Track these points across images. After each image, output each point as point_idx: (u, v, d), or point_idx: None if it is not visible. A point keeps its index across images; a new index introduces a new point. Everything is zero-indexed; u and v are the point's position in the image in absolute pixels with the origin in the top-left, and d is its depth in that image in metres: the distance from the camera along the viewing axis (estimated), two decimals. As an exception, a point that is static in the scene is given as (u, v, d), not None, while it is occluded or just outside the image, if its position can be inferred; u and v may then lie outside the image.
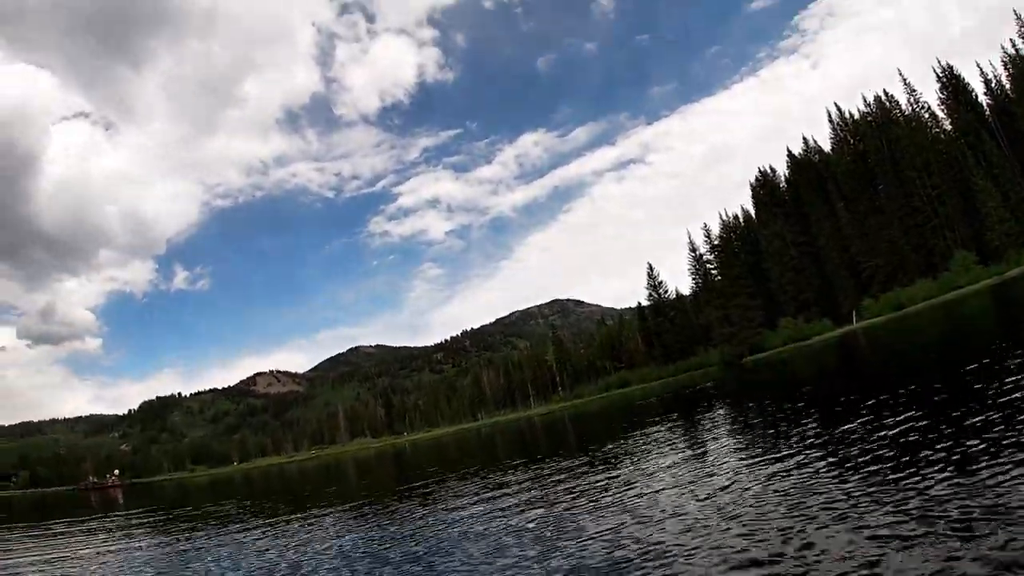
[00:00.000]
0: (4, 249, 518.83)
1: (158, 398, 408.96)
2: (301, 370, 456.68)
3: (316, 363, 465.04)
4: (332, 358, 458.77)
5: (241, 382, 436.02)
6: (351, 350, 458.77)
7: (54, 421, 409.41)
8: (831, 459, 8.27)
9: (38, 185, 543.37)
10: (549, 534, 8.19)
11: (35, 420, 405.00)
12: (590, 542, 7.24)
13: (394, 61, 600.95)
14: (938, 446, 7.42)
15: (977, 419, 8.03)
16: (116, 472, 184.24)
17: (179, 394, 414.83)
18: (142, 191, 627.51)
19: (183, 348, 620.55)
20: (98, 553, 16.94)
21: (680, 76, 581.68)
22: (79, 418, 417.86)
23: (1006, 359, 11.87)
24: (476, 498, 13.80)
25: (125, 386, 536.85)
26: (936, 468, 6.59)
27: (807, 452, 9.40)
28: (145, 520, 26.64)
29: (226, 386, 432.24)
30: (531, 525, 9.14)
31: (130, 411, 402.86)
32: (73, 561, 15.50)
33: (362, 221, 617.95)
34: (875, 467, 7.44)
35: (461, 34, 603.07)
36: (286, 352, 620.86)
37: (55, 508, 50.04)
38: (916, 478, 6.46)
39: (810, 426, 11.93)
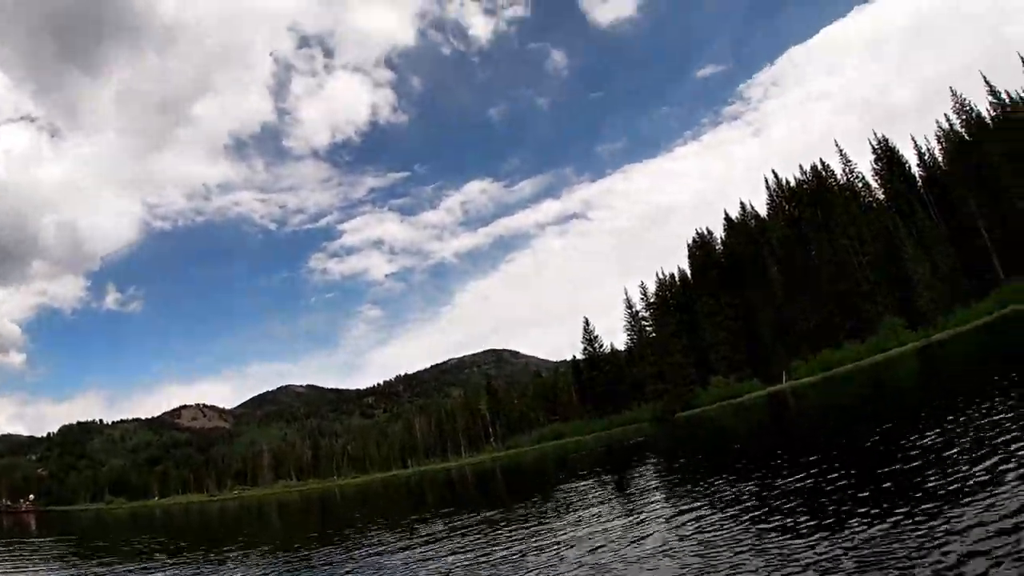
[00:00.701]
0: None
1: (79, 423, 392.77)
2: (228, 405, 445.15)
3: (244, 399, 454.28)
4: (261, 395, 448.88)
5: (165, 413, 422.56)
6: (281, 388, 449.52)
7: None
8: (752, 513, 8.43)
9: None
10: None
11: None
12: None
13: (348, 98, 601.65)
14: (853, 500, 7.64)
15: (891, 474, 8.29)
16: (31, 497, 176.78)
17: (101, 420, 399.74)
18: (82, 203, 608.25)
19: (108, 371, 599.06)
20: None
21: (627, 136, 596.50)
22: None
23: (922, 418, 12.31)
24: (399, 548, 13.63)
25: (46, 406, 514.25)
26: (851, 521, 6.78)
27: (728, 507, 9.63)
28: (56, 551, 25.57)
29: (150, 416, 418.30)
30: None
31: (49, 434, 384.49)
32: None
33: (303, 256, 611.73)
34: (789, 520, 7.62)
35: (417, 78, 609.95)
36: (214, 385, 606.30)
37: None
38: (830, 531, 6.63)
39: (734, 481, 12.21)
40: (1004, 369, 17.22)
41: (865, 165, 76.45)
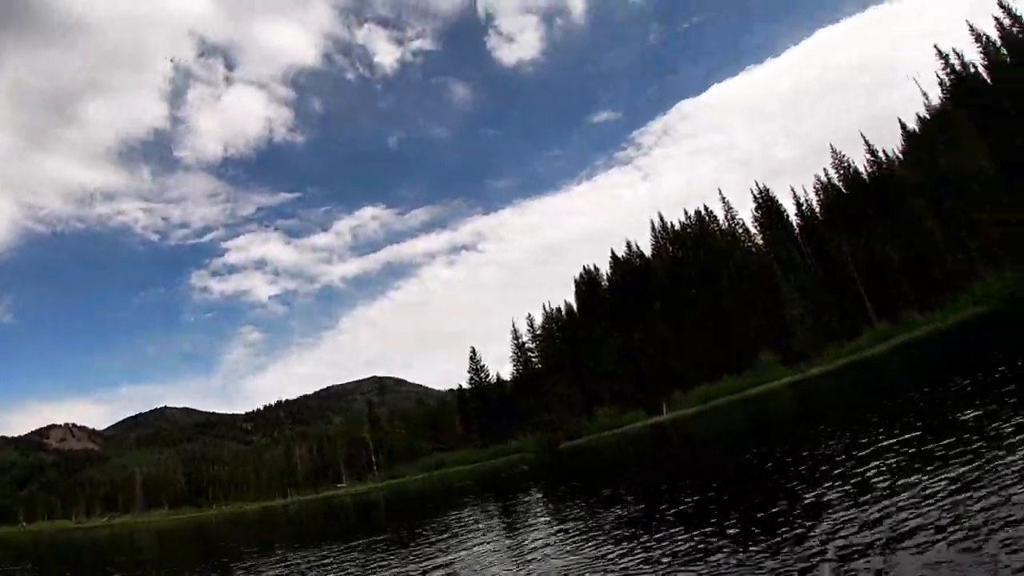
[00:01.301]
0: None
1: None
2: (100, 426, 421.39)
3: (116, 420, 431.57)
4: (134, 417, 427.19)
5: (32, 432, 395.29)
6: (156, 411, 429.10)
7: None
8: (624, 531, 8.95)
9: None
10: None
11: None
12: None
13: (245, 113, 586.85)
14: (722, 524, 8.39)
15: (758, 499, 9.15)
16: None
17: None
18: None
19: None
20: None
21: (521, 172, 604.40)
22: None
23: (789, 443, 13.28)
24: None
25: None
26: (722, 542, 7.51)
27: (601, 528, 10.09)
28: None
29: (15, 435, 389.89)
30: None
31: None
32: None
33: (184, 273, 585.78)
34: (658, 535, 8.41)
35: (318, 99, 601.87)
36: (85, 404, 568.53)
37: None
38: (700, 553, 7.29)
39: (609, 505, 12.89)
40: (868, 401, 18.91)
41: (747, 214, 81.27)
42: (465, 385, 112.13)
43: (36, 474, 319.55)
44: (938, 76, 69.50)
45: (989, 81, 65.02)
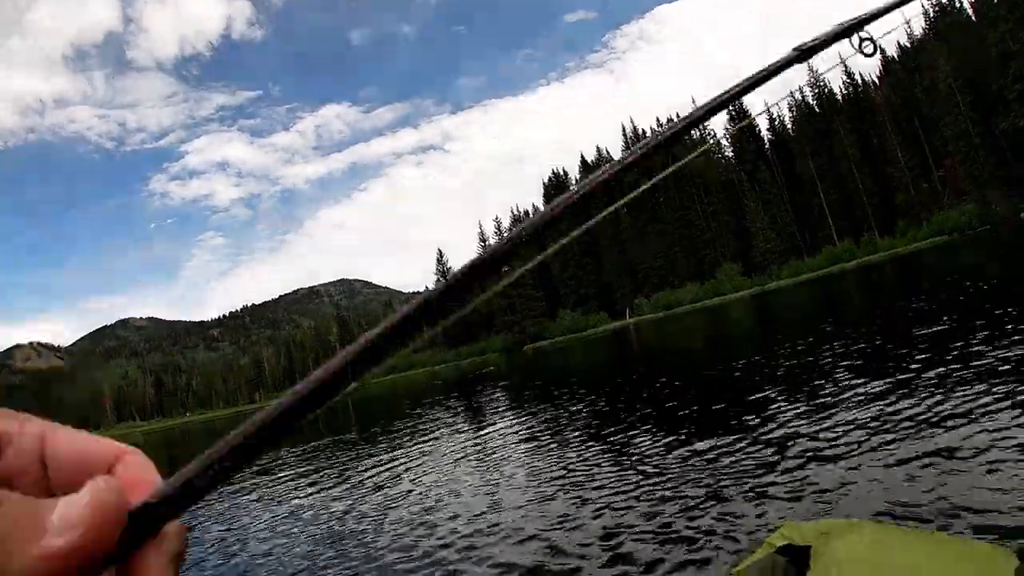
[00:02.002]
0: None
1: None
2: (65, 342, 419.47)
3: (81, 335, 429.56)
4: (99, 330, 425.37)
5: None
6: (120, 322, 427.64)
7: None
8: (590, 442, 9.00)
9: None
10: (320, 522, 8.25)
11: None
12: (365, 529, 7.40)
13: (201, 9, 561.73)
14: (684, 422, 8.50)
15: (720, 398, 9.32)
16: None
17: None
18: None
19: None
20: None
21: (490, 72, 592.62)
22: None
23: (749, 353, 13.43)
24: (252, 486, 13.83)
25: None
26: (681, 439, 7.66)
27: (565, 429, 10.19)
28: None
29: None
30: (303, 513, 9.28)
31: None
32: None
33: (142, 179, 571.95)
34: (619, 436, 8.50)
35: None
36: (48, 320, 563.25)
37: None
38: (663, 449, 7.40)
39: (573, 405, 12.89)
40: (827, 317, 19.10)
41: (718, 125, 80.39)
42: (431, 286, 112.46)
43: (5, 400, 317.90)
44: (922, 5, 68.58)
45: (973, 17, 64.10)
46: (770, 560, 2.27)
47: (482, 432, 13.05)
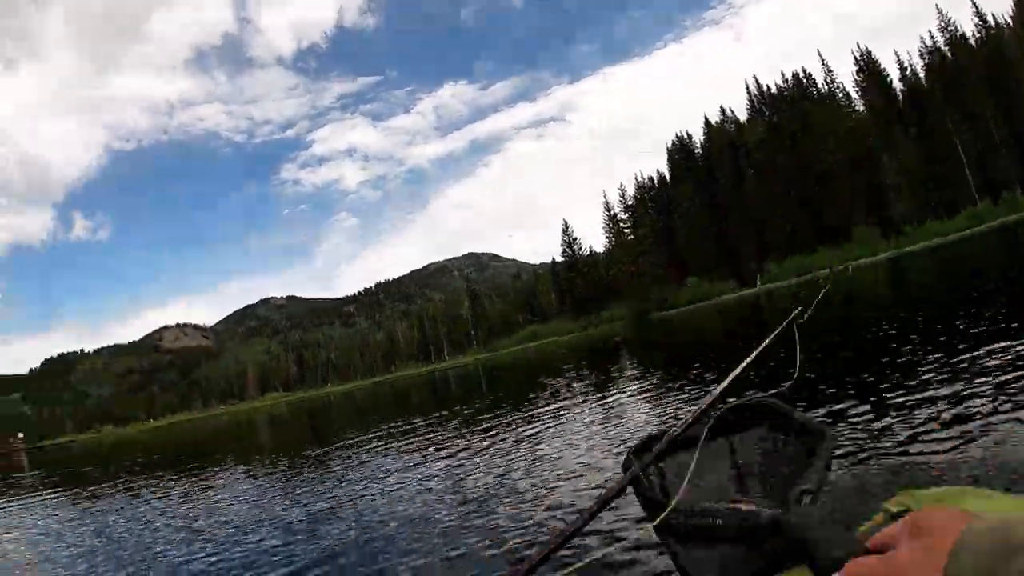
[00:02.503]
0: None
1: (60, 355, 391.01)
2: (208, 323, 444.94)
3: (224, 315, 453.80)
4: (241, 310, 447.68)
5: (146, 336, 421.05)
6: (261, 301, 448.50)
7: None
8: None
9: None
10: (461, 488, 8.49)
11: None
12: (500, 493, 7.61)
13: (313, 2, 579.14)
14: (831, 398, 7.96)
15: (865, 375, 8.50)
16: (20, 435, 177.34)
17: (82, 350, 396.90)
18: (39, 133, 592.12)
19: (86, 300, 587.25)
20: (6, 523, 16.66)
21: (604, 38, 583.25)
22: None
23: (894, 329, 12.65)
24: (389, 448, 14.39)
25: (25, 343, 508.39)
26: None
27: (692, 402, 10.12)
28: (54, 485, 26.09)
29: (131, 340, 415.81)
30: (442, 480, 9.57)
31: (32, 370, 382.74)
32: None
33: (273, 168, 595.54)
34: None
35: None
36: (193, 303, 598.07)
37: None
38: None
39: (706, 377, 12.47)
40: (970, 280, 17.97)
41: (846, 76, 76.84)
42: (558, 258, 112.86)
43: (154, 376, 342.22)
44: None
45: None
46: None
47: (603, 401, 13.16)
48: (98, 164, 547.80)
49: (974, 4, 68.41)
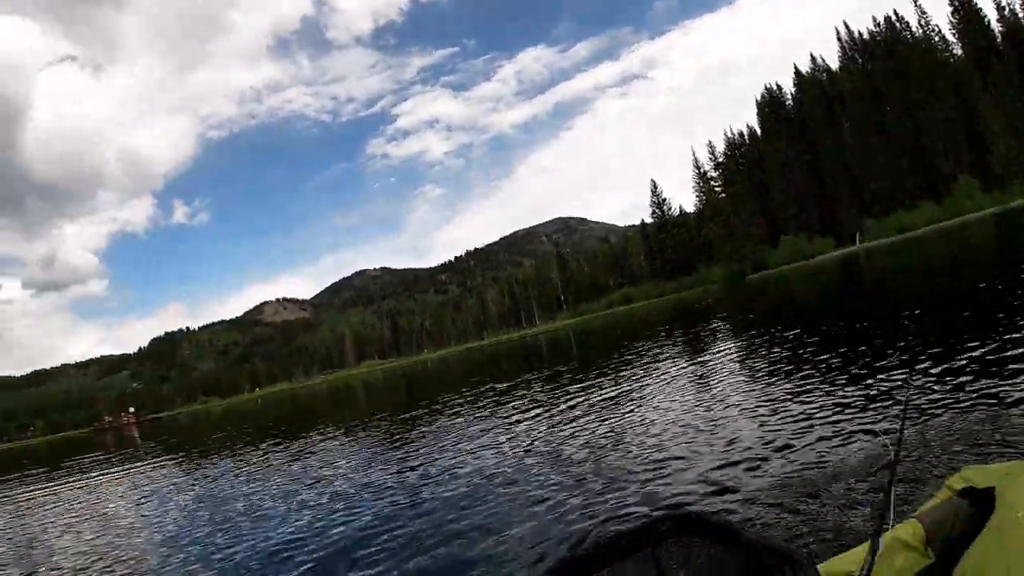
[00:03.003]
0: (1, 202, 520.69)
1: (166, 333, 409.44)
2: (307, 296, 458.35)
3: (321, 288, 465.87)
4: (337, 283, 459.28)
5: (247, 312, 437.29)
6: (355, 274, 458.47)
7: (65, 367, 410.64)
8: (822, 380, 8.54)
9: (29, 134, 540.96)
10: (560, 450, 8.74)
11: (46, 368, 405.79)
12: (599, 454, 7.82)
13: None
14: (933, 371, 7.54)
15: (982, 350, 7.89)
16: (131, 410, 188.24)
17: (187, 328, 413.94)
18: (134, 129, 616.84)
19: (188, 282, 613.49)
20: (123, 489, 17.86)
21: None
22: (89, 361, 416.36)
23: (1013, 290, 11.90)
24: (487, 411, 14.82)
25: (133, 325, 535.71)
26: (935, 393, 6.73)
27: (801, 371, 9.70)
28: (164, 454, 27.56)
29: (233, 317, 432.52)
30: (539, 440, 9.77)
31: (140, 349, 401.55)
32: (98, 500, 16.20)
33: (360, 144, 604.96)
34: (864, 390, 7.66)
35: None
36: (290, 279, 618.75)
37: (73, 452, 49.30)
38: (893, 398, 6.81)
39: (808, 347, 12.10)
40: None
41: (942, 19, 72.71)
42: (647, 219, 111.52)
43: (255, 348, 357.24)
44: None
45: None
46: (951, 503, 2.14)
47: (695, 366, 13.21)
48: (193, 153, 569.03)
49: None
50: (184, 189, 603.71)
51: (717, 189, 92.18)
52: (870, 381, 7.83)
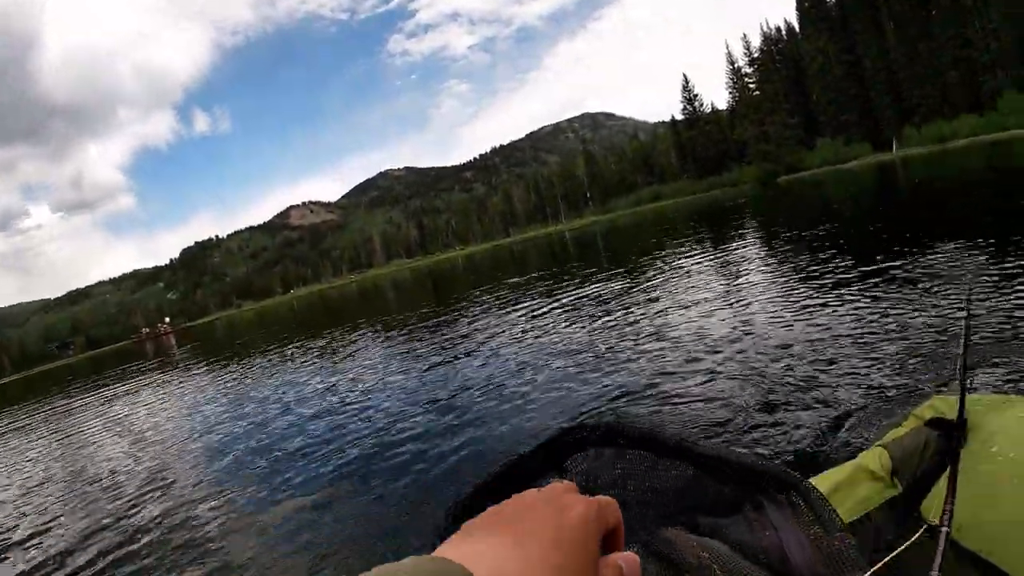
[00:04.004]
0: (24, 131, 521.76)
1: (197, 243, 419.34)
2: (333, 198, 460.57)
3: (346, 190, 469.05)
4: (362, 184, 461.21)
5: (275, 216, 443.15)
6: (380, 174, 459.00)
7: (100, 284, 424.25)
8: (852, 292, 8.48)
9: (44, 61, 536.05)
10: (582, 348, 8.92)
11: (82, 286, 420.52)
12: (624, 361, 7.84)
13: None
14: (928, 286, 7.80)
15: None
16: (167, 320, 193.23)
17: (217, 236, 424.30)
18: (150, 43, 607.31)
19: (215, 191, 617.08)
20: (163, 393, 18.73)
21: None
22: (124, 276, 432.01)
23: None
24: (513, 311, 15.19)
25: (164, 237, 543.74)
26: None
27: (831, 281, 9.65)
28: (202, 359, 28.41)
29: (261, 222, 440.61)
30: (557, 337, 10.16)
31: (171, 260, 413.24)
32: (142, 406, 17.03)
33: (380, 42, 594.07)
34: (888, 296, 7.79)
35: None
36: (316, 182, 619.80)
37: (115, 364, 51.29)
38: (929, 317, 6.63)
39: (837, 256, 11.96)
40: None
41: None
42: (678, 116, 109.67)
43: (285, 251, 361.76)
44: None
45: None
46: (919, 433, 2.10)
47: (722, 270, 13.37)
48: (211, 62, 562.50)
49: None
50: (204, 99, 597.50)
51: (752, 86, 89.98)
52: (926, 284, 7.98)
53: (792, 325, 7.52)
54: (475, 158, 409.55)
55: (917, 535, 1.65)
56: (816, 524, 1.55)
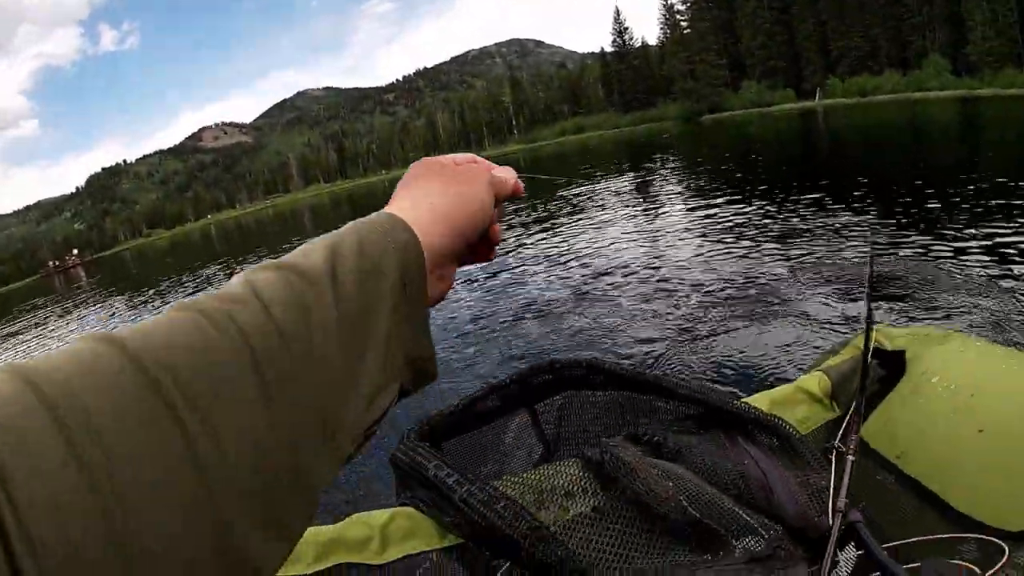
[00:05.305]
0: None
1: (104, 169, 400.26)
2: (247, 120, 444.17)
3: (262, 111, 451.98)
4: (278, 104, 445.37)
5: (187, 139, 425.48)
6: (298, 94, 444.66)
7: (3, 216, 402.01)
8: (756, 226, 9.11)
9: None
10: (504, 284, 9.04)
11: None
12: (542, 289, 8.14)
13: None
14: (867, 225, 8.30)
15: (907, 209, 8.88)
16: (75, 252, 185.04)
17: (125, 161, 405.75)
18: None
19: (122, 113, 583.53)
20: (73, 327, 18.09)
21: None
22: (28, 207, 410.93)
23: (952, 167, 12.50)
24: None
25: (69, 164, 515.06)
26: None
27: (738, 215, 10.35)
28: (111, 292, 27.62)
29: (172, 145, 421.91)
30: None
31: (78, 188, 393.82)
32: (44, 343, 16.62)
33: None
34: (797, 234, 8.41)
35: None
36: (230, 103, 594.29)
37: (20, 300, 48.21)
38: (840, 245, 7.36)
39: (751, 191, 12.61)
40: None
41: None
42: (607, 48, 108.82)
43: (197, 176, 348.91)
44: None
45: None
46: (857, 361, 2.07)
47: (645, 205, 13.59)
48: None
49: None
50: (111, 13, 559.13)
51: (683, 24, 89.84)
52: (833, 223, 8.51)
53: (713, 262, 7.76)
54: (398, 80, 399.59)
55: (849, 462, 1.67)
56: (802, 464, 1.63)
